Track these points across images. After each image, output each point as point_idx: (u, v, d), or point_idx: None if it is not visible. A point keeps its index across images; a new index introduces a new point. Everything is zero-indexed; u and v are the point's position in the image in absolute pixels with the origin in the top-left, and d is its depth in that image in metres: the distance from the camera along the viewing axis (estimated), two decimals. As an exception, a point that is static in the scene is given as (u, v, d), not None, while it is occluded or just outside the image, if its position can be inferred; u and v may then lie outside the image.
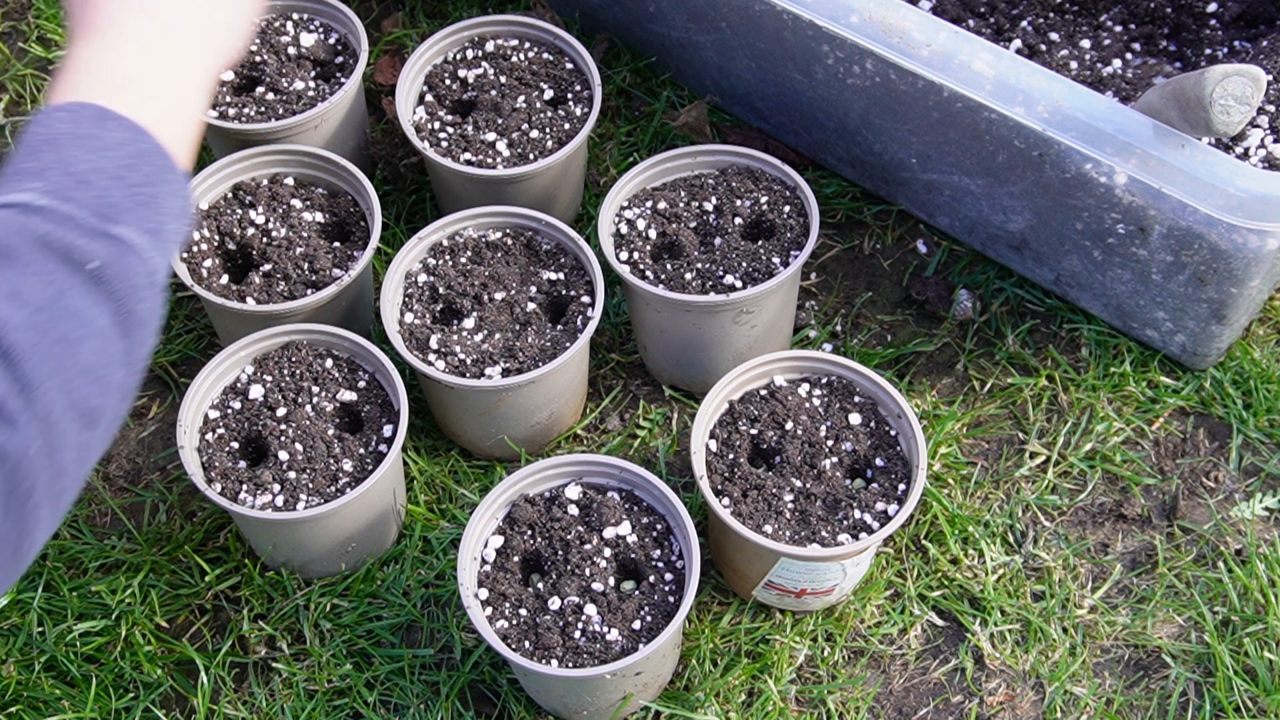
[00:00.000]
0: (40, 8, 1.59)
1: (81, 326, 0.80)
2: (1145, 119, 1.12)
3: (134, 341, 0.83)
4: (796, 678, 1.13)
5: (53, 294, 0.80)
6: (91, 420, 0.80)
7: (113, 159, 0.87)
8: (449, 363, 1.16)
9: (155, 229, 0.87)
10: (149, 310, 0.85)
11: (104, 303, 0.82)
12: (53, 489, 0.76)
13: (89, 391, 0.79)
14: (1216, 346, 1.24)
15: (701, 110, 1.44)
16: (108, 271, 0.82)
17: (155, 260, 0.86)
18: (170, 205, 0.89)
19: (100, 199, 0.85)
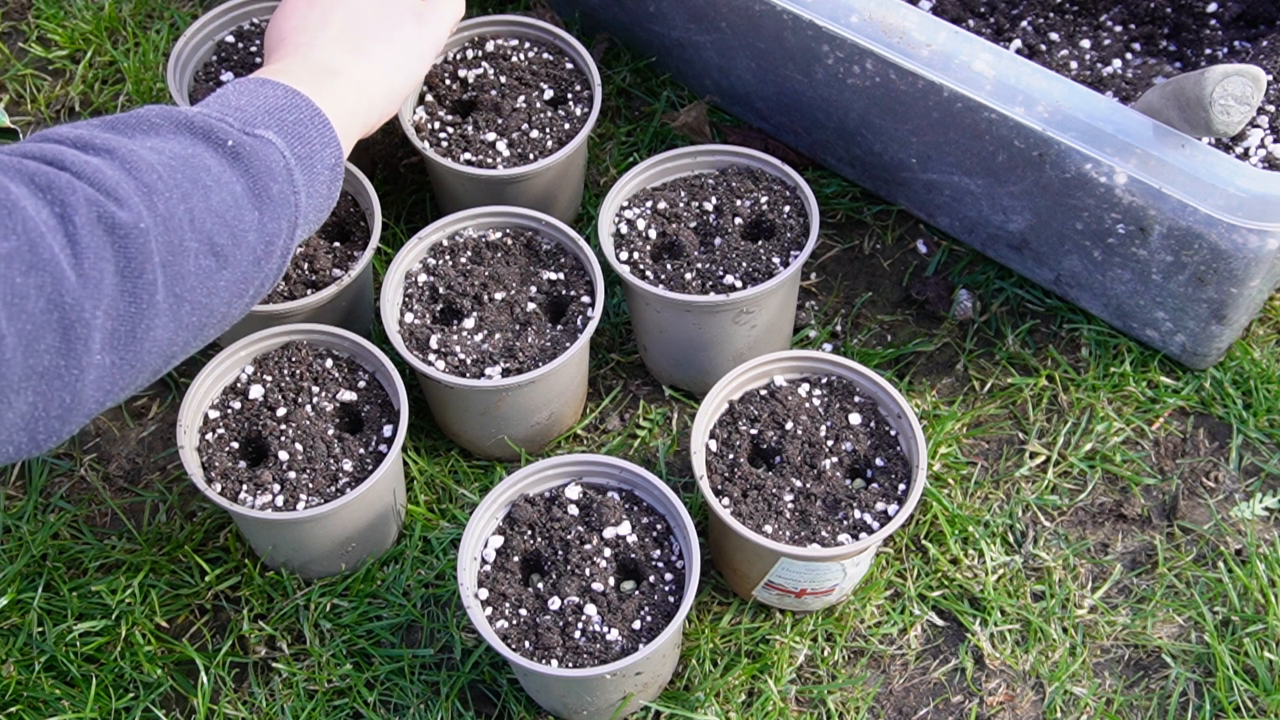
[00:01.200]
0: (40, 8, 1.59)
1: (214, 179, 0.84)
2: (1145, 119, 1.12)
3: (267, 215, 0.87)
4: (796, 678, 1.13)
5: (190, 153, 0.85)
6: (219, 255, 0.83)
7: (268, 102, 0.94)
8: (449, 363, 1.16)
9: (305, 155, 0.93)
10: (282, 194, 0.89)
11: (239, 174, 0.86)
12: (172, 285, 0.79)
13: (216, 228, 0.83)
14: (1216, 346, 1.24)
15: (701, 110, 1.44)
16: (244, 150, 0.88)
17: (295, 170, 0.91)
18: (321, 153, 0.95)
19: (248, 118, 0.92)
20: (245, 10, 1.38)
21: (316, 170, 0.94)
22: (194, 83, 1.35)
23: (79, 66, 1.54)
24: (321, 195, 0.95)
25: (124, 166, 0.79)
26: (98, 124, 0.85)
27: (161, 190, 0.80)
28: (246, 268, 0.86)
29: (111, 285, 0.75)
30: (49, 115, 1.52)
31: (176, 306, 0.80)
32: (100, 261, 0.74)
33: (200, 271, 0.81)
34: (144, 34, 1.55)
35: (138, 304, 0.77)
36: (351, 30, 1.08)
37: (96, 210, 0.75)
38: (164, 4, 1.59)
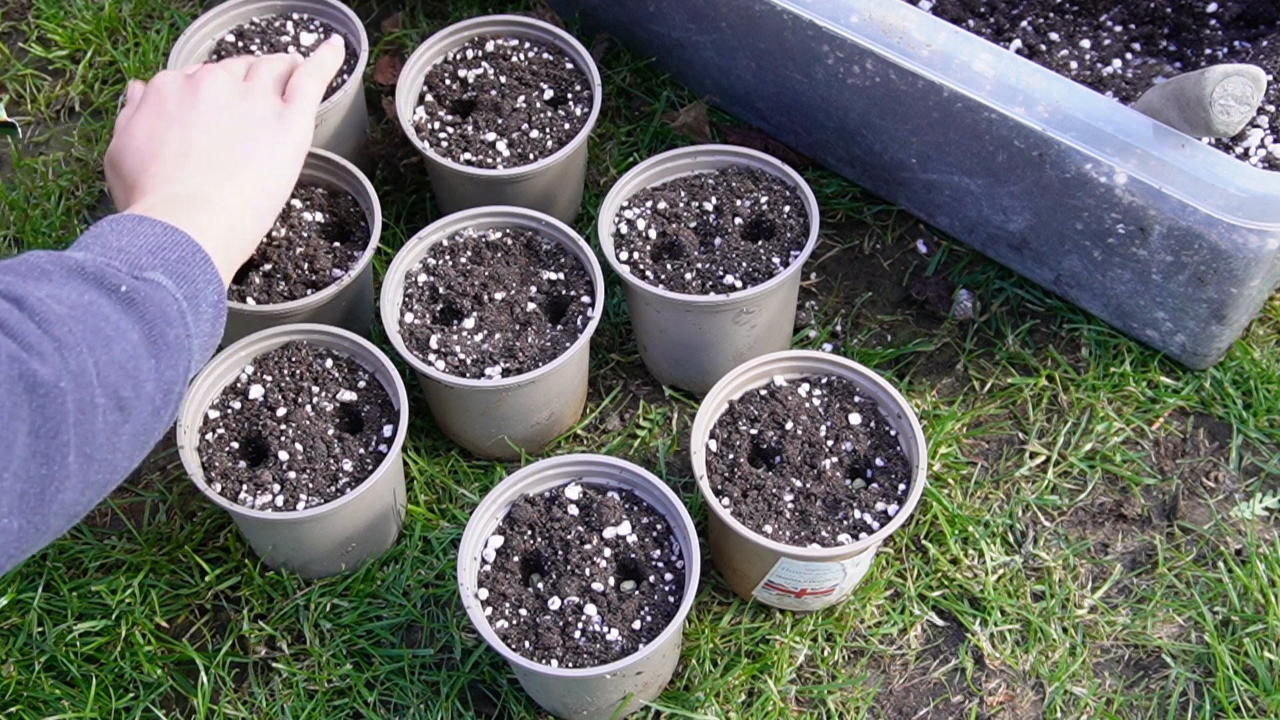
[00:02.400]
0: (40, 8, 1.59)
1: (113, 328, 0.82)
2: (1145, 119, 1.12)
3: (164, 364, 0.85)
4: (796, 678, 1.13)
5: (86, 300, 0.82)
6: (123, 408, 0.80)
7: (149, 240, 0.92)
8: (449, 363, 1.16)
9: (191, 294, 0.91)
10: (178, 339, 0.87)
11: (134, 321, 0.84)
12: (82, 445, 0.76)
13: (120, 381, 0.81)
14: (1216, 346, 1.24)
15: (701, 110, 1.44)
16: (137, 295, 0.85)
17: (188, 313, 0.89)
18: (205, 290, 0.93)
19: (134, 260, 0.90)
20: (245, 10, 1.38)
21: (202, 309, 0.92)
22: (194, 83, 1.35)
23: (79, 66, 1.54)
24: (207, 334, 0.93)
25: (35, 318, 0.76)
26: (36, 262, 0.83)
27: (71, 344, 0.77)
28: (147, 419, 0.83)
29: (24, 446, 0.71)
30: (49, 115, 1.52)
31: (86, 466, 0.77)
32: (14, 421, 0.71)
33: (107, 427, 0.79)
34: (144, 34, 1.55)
35: (49, 466, 0.74)
36: (215, 154, 1.04)
37: (17, 368, 0.72)
38: (164, 4, 1.59)
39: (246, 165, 1.06)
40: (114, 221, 0.93)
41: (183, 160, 1.03)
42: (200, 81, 1.09)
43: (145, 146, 1.04)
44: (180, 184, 1.01)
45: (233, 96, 1.09)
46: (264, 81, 1.13)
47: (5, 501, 0.71)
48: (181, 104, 1.07)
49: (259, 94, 1.11)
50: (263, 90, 1.12)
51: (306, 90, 1.15)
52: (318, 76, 1.17)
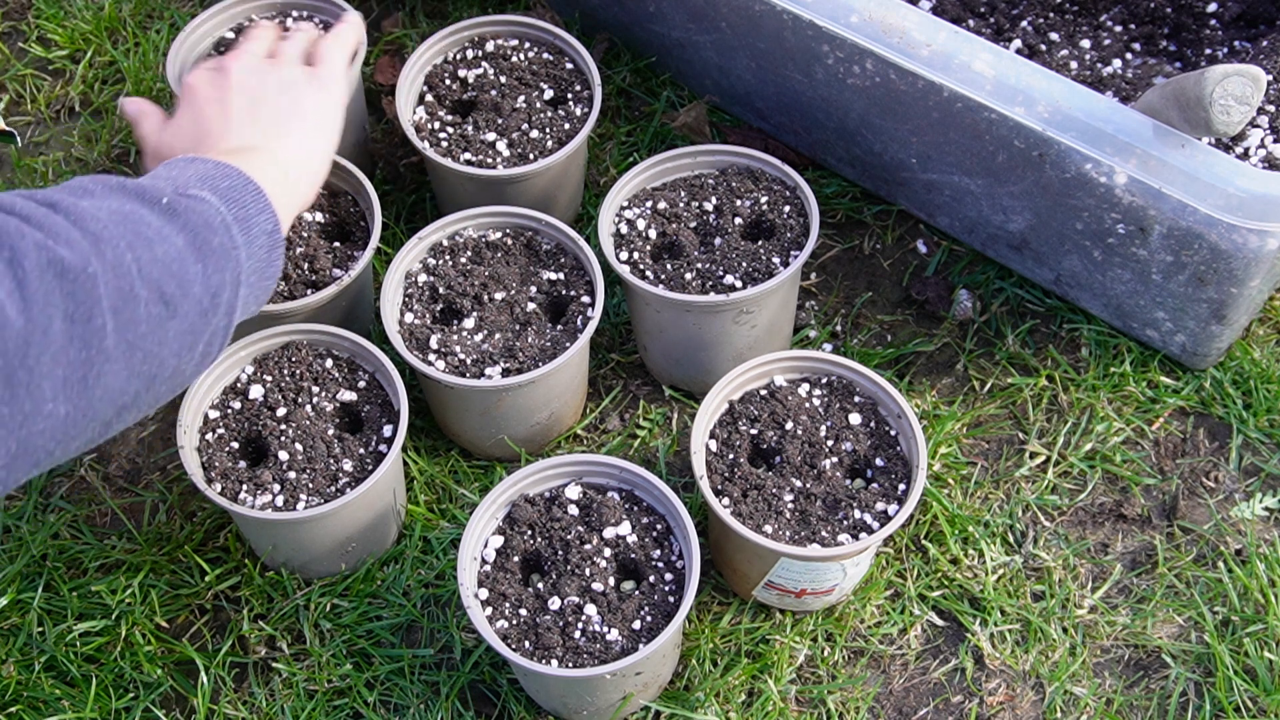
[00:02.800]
0: (40, 8, 1.59)
1: (154, 232, 0.84)
2: (1145, 119, 1.12)
3: (211, 268, 0.87)
4: (796, 678, 1.13)
5: (128, 210, 0.84)
6: (167, 302, 0.82)
7: (199, 171, 0.95)
8: (449, 363, 1.16)
9: (241, 217, 0.93)
10: (223, 247, 0.89)
11: (177, 228, 0.86)
12: (122, 331, 0.78)
13: (163, 278, 0.83)
14: (1216, 346, 1.24)
15: (701, 110, 1.44)
16: (179, 206, 0.88)
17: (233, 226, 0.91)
18: (258, 218, 0.95)
19: (181, 183, 0.92)
20: (245, 9, 1.38)
21: (254, 234, 0.93)
22: (194, 83, 1.35)
23: (79, 66, 1.54)
24: (261, 260, 0.94)
25: (69, 216, 0.79)
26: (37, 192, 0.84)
27: (108, 238, 0.79)
28: (194, 319, 0.85)
29: (60, 331, 0.73)
30: (49, 115, 1.52)
31: (129, 353, 0.79)
32: (49, 308, 0.73)
33: (151, 319, 0.81)
34: (144, 34, 1.55)
35: (88, 349, 0.76)
36: (261, 118, 1.07)
37: (46, 255, 0.74)
38: (164, 4, 1.59)
39: (292, 116, 1.08)
40: (168, 163, 0.96)
41: (226, 126, 1.06)
42: (228, 64, 1.12)
43: (192, 132, 1.07)
44: (229, 142, 1.05)
45: (262, 68, 1.12)
46: (289, 54, 1.16)
47: (48, 386, 0.73)
48: (216, 87, 1.10)
49: (284, 65, 1.14)
50: (290, 59, 1.15)
51: (332, 57, 1.17)
52: (339, 45, 1.19)
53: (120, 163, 1.47)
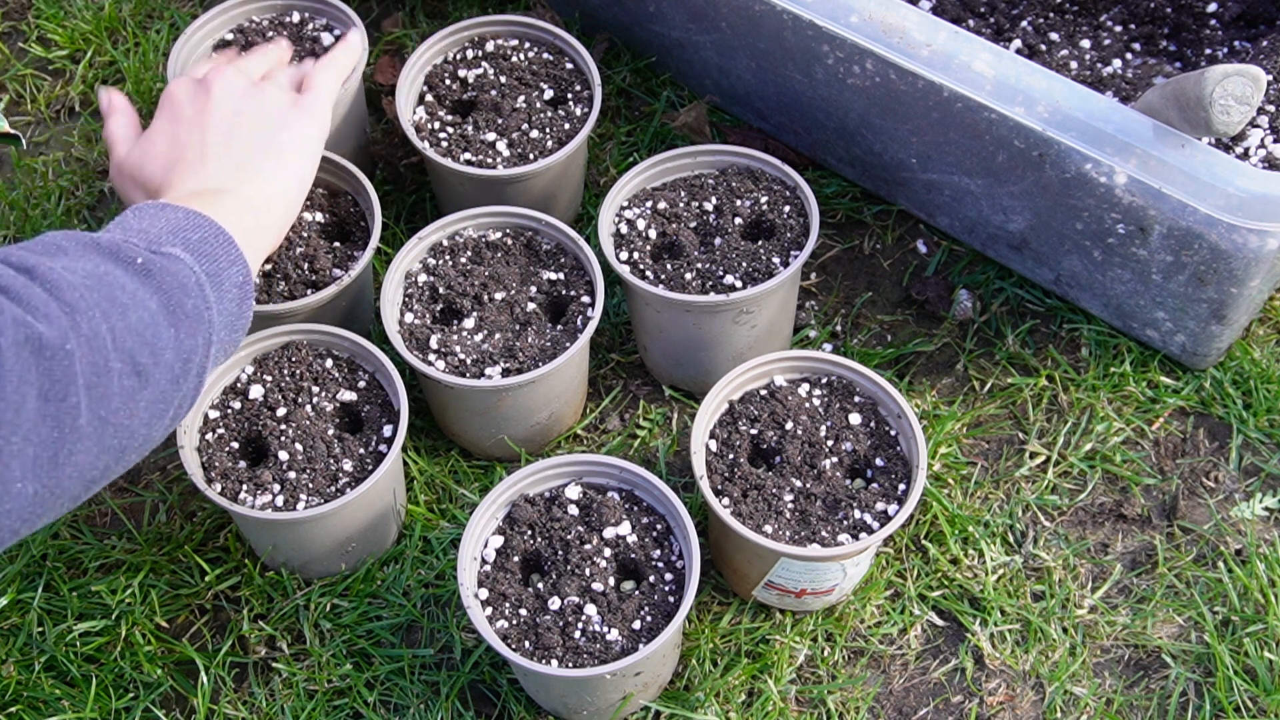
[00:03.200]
0: (40, 8, 1.59)
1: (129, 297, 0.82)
2: (1145, 119, 1.12)
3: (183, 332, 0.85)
4: (796, 678, 1.13)
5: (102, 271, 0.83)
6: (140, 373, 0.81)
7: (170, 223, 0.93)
8: (449, 363, 1.16)
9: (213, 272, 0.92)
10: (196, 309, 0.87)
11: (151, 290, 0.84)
12: (96, 408, 0.76)
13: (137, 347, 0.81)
14: (1216, 346, 1.24)
15: (701, 110, 1.44)
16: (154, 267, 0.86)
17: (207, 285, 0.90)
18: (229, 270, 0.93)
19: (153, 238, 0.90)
20: (245, 9, 1.38)
21: (225, 288, 0.92)
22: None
23: (79, 66, 1.54)
24: (232, 314, 0.93)
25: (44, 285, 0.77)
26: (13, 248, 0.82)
27: (83, 309, 0.78)
28: (165, 386, 0.84)
29: (33, 410, 0.72)
30: (49, 115, 1.52)
31: (100, 430, 0.77)
32: (23, 385, 0.71)
33: (123, 392, 0.79)
34: (144, 34, 1.55)
35: (60, 429, 0.74)
36: (236, 150, 1.06)
37: (24, 331, 0.72)
38: (164, 4, 1.59)
39: (266, 154, 1.06)
40: (137, 209, 0.94)
41: (202, 158, 1.05)
42: (211, 82, 1.10)
43: (166, 153, 1.06)
44: (202, 180, 1.03)
45: (246, 91, 1.10)
46: (277, 80, 1.15)
47: (18, 466, 0.71)
48: (196, 105, 1.08)
49: (272, 87, 1.12)
50: (276, 84, 1.14)
51: (321, 83, 1.16)
52: (332, 70, 1.18)
53: (120, 163, 1.47)
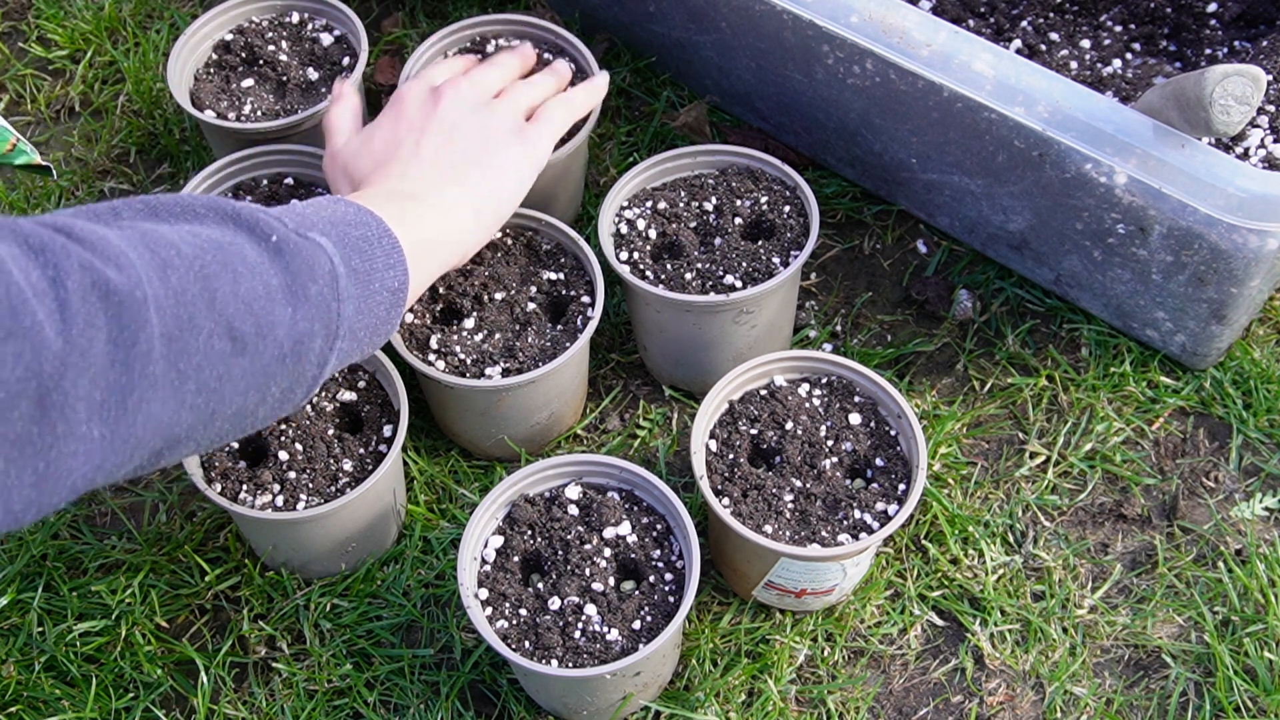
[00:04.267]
0: (40, 8, 1.59)
1: (247, 267, 0.82)
2: (1145, 119, 1.12)
3: (301, 315, 0.84)
4: (796, 678, 1.13)
5: (228, 240, 0.82)
6: (236, 340, 0.80)
7: (334, 214, 0.92)
8: (449, 363, 1.16)
9: (362, 270, 0.90)
10: (321, 297, 0.86)
11: (278, 269, 0.84)
12: (174, 359, 0.76)
13: (238, 314, 0.80)
14: (1216, 346, 1.24)
15: (701, 110, 1.44)
16: (286, 247, 0.85)
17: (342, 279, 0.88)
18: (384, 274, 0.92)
19: (305, 221, 0.89)
20: (245, 9, 1.38)
21: (373, 289, 0.91)
22: (194, 82, 1.35)
23: (79, 66, 1.54)
24: (377, 316, 0.92)
25: (137, 239, 0.77)
26: (137, 203, 0.83)
27: (177, 265, 0.77)
28: (269, 362, 0.82)
29: (101, 353, 0.71)
30: (49, 115, 1.52)
31: (179, 383, 0.76)
32: (90, 329, 0.71)
33: (210, 352, 0.78)
34: (144, 34, 1.55)
35: (129, 373, 0.73)
36: (446, 158, 1.06)
37: (90, 276, 0.72)
38: (164, 4, 1.59)
39: (474, 168, 1.06)
40: (315, 200, 0.94)
41: (411, 161, 1.05)
42: (443, 91, 1.11)
43: (381, 151, 1.07)
44: (401, 181, 1.03)
45: (474, 106, 1.10)
46: (514, 101, 1.14)
47: (83, 408, 0.70)
48: (421, 111, 1.09)
49: (502, 109, 1.11)
50: (507, 107, 1.13)
51: (552, 116, 1.15)
52: (566, 108, 1.17)
53: (120, 162, 1.47)
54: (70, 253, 0.72)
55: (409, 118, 1.09)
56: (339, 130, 1.13)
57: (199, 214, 0.84)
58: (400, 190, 1.02)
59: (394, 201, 0.99)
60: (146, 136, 1.48)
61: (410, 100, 1.11)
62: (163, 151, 1.47)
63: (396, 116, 1.09)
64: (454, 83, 1.12)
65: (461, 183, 1.05)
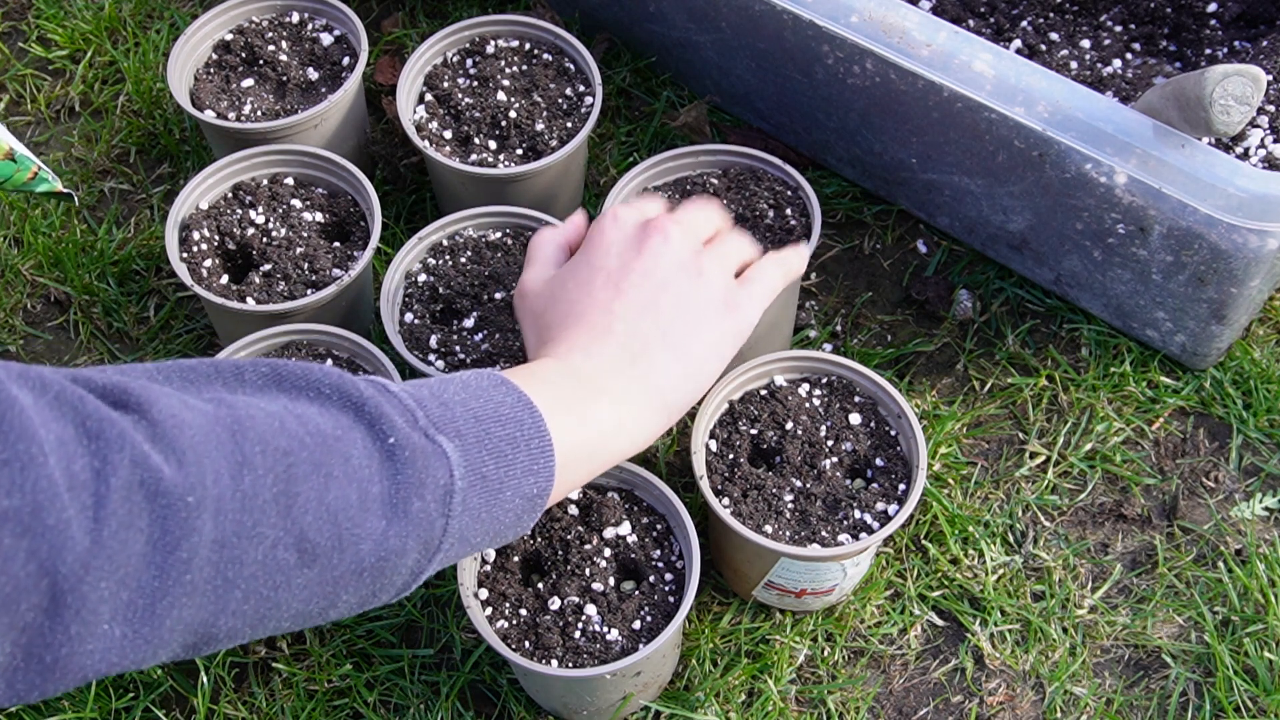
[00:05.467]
0: (40, 8, 1.59)
1: (347, 472, 0.74)
2: (1145, 119, 1.12)
3: (394, 530, 0.75)
4: (796, 678, 1.13)
5: (336, 435, 0.74)
6: (305, 552, 0.72)
7: (486, 407, 0.82)
8: (449, 363, 1.16)
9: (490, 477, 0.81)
10: (423, 514, 0.77)
11: (385, 476, 0.75)
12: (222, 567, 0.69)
13: (316, 524, 0.72)
14: (1216, 346, 1.24)
15: (701, 110, 1.44)
16: (402, 453, 0.76)
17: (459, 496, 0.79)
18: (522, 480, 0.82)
19: (443, 416, 0.80)
20: (245, 9, 1.38)
21: (503, 498, 0.81)
22: (194, 82, 1.35)
23: (79, 66, 1.54)
24: (501, 524, 0.82)
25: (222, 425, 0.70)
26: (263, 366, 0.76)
27: (258, 464, 0.70)
28: (343, 574, 0.74)
29: (137, 554, 0.66)
30: (49, 115, 1.52)
31: (223, 590, 0.70)
32: (126, 530, 0.65)
33: (269, 563, 0.71)
34: (144, 34, 1.55)
35: (163, 578, 0.67)
36: (641, 331, 0.94)
37: (140, 473, 0.66)
38: (164, 4, 1.59)
39: (671, 350, 0.95)
40: (469, 384, 0.83)
41: (602, 331, 0.93)
42: (651, 241, 0.98)
43: (574, 299, 0.96)
44: (585, 359, 0.92)
45: (683, 269, 0.97)
46: (725, 257, 1.02)
47: (107, 609, 0.65)
48: (623, 260, 0.97)
49: (713, 269, 0.99)
50: (719, 266, 1.00)
51: (768, 279, 1.04)
52: (782, 268, 1.05)
53: (120, 162, 1.47)
54: (126, 443, 0.65)
55: (608, 267, 0.96)
56: (538, 261, 1.02)
57: (323, 393, 0.76)
58: (580, 369, 0.91)
59: (568, 383, 0.89)
60: (146, 136, 1.48)
61: (612, 242, 0.98)
62: (163, 151, 1.47)
63: (597, 261, 0.97)
64: (663, 227, 0.98)
65: (651, 369, 0.93)
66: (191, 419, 0.69)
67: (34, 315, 1.37)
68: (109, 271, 1.37)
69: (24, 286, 1.38)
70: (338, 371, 0.78)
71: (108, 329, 1.35)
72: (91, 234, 1.40)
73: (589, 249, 0.99)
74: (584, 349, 0.93)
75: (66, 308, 1.36)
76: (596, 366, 0.92)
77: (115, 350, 1.33)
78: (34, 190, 1.16)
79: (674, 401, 0.95)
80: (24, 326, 1.36)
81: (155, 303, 1.36)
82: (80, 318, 1.35)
